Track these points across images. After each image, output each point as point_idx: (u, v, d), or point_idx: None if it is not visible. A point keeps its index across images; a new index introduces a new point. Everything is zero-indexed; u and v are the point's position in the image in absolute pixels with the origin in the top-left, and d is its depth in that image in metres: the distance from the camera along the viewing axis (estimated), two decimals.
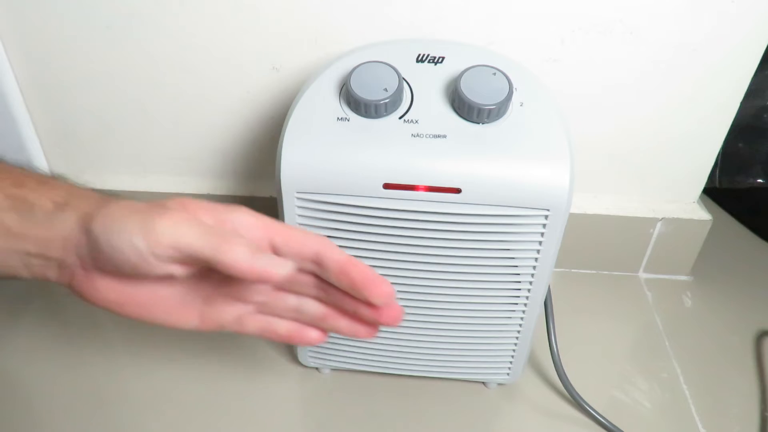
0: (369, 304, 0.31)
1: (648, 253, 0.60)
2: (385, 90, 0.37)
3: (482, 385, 0.49)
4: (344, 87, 0.38)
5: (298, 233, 0.31)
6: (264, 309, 0.34)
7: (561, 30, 0.47)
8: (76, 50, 0.51)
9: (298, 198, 0.38)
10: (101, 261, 0.30)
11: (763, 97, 0.59)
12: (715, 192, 0.67)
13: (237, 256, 0.29)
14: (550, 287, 0.44)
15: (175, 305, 0.33)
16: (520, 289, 0.41)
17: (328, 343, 0.46)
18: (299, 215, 0.39)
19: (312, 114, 0.38)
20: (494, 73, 0.38)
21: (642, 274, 0.62)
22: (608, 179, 0.57)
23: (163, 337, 0.52)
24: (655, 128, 0.53)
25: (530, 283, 0.40)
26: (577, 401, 0.47)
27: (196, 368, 0.50)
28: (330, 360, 0.48)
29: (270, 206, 0.57)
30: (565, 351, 0.46)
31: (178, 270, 0.30)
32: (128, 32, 0.50)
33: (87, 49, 0.51)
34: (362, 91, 0.37)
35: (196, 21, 0.49)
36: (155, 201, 0.32)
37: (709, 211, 0.58)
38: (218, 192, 0.58)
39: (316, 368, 0.50)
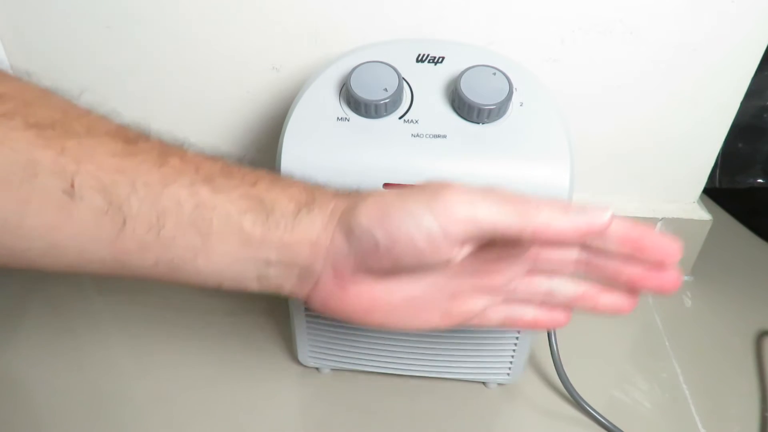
0: (653, 267, 0.29)
1: None
2: (385, 90, 0.37)
3: (482, 385, 0.49)
4: (344, 87, 0.38)
5: (566, 205, 0.27)
6: (511, 297, 0.31)
7: (561, 30, 0.47)
8: (76, 50, 0.51)
9: None
10: (371, 260, 0.27)
11: (763, 97, 0.59)
12: (715, 192, 0.67)
13: (551, 217, 0.26)
14: None
15: (421, 306, 0.30)
16: None
17: (328, 343, 0.46)
18: None
19: (312, 114, 0.38)
20: (494, 73, 0.38)
21: None
22: (608, 179, 0.57)
23: (164, 337, 0.52)
24: (655, 128, 0.53)
25: None
26: (577, 401, 0.47)
27: (196, 367, 0.50)
28: (330, 360, 0.48)
29: None
30: (565, 351, 0.46)
31: (460, 253, 0.27)
32: (128, 32, 0.50)
33: (87, 49, 0.51)
34: (362, 91, 0.37)
35: (196, 21, 0.49)
36: (414, 185, 0.28)
37: (709, 211, 0.58)
38: None
39: (316, 368, 0.50)
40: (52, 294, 0.56)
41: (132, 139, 0.27)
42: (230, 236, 0.27)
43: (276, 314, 0.55)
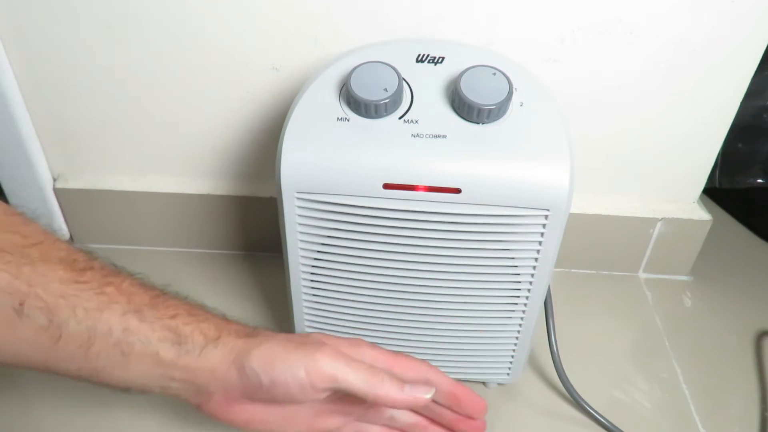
0: (466, 417, 0.40)
1: (648, 253, 0.60)
2: (385, 90, 0.37)
3: (482, 385, 0.49)
4: (344, 87, 0.38)
5: (411, 362, 0.38)
6: (362, 419, 0.40)
7: (561, 30, 0.47)
8: (76, 50, 0.51)
9: (298, 198, 0.38)
10: (254, 391, 0.34)
11: (763, 97, 0.59)
12: (715, 192, 0.67)
13: (388, 390, 0.34)
14: (550, 287, 0.44)
15: (290, 421, 0.38)
16: (520, 289, 0.41)
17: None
18: (299, 215, 0.39)
19: (312, 114, 0.38)
20: (494, 73, 0.38)
21: (642, 274, 0.62)
22: (608, 179, 0.57)
23: None
24: (655, 128, 0.53)
25: (530, 283, 0.40)
26: (577, 401, 0.47)
27: None
28: None
29: (270, 206, 0.57)
30: (565, 351, 0.46)
31: (322, 395, 0.35)
32: (128, 32, 0.50)
33: (87, 49, 0.51)
34: (362, 91, 0.37)
35: (196, 21, 0.49)
36: (298, 335, 0.36)
37: (709, 211, 0.58)
38: (218, 192, 0.58)
39: None
40: None
41: (79, 267, 0.33)
42: (147, 357, 0.33)
43: (276, 315, 0.55)
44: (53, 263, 0.32)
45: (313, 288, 0.43)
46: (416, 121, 0.37)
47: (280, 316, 0.55)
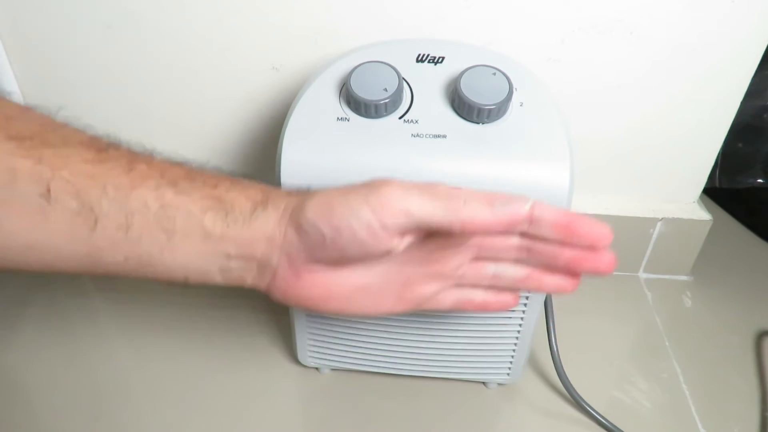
0: (587, 251, 0.31)
1: (648, 253, 0.60)
2: (385, 90, 0.37)
3: (482, 385, 0.49)
4: (344, 87, 0.38)
5: (499, 194, 0.30)
6: (461, 281, 0.33)
7: (561, 30, 0.47)
8: (76, 50, 0.51)
9: None
10: (319, 250, 0.30)
11: (763, 97, 0.59)
12: (715, 192, 0.67)
13: (476, 211, 0.28)
14: None
15: (375, 292, 0.33)
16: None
17: (328, 343, 0.46)
18: None
19: (312, 114, 0.38)
20: (494, 73, 0.38)
21: (642, 274, 0.62)
22: (608, 179, 0.57)
23: (164, 337, 0.52)
24: (655, 128, 0.53)
25: None
26: (577, 401, 0.47)
27: (196, 367, 0.50)
28: (330, 360, 0.48)
29: None
30: (565, 351, 0.46)
31: (401, 243, 0.30)
32: (128, 32, 0.50)
33: (87, 49, 0.51)
34: (362, 91, 0.37)
35: (196, 21, 0.49)
36: (358, 183, 0.31)
37: (709, 211, 0.58)
38: None
39: (316, 368, 0.50)
40: (51, 293, 0.56)
41: (103, 148, 0.30)
42: (193, 233, 0.29)
43: (276, 314, 0.55)
44: (75, 145, 0.30)
45: None
46: (416, 121, 0.37)
47: (280, 316, 0.55)
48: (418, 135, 0.37)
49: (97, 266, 0.30)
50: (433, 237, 0.31)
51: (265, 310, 0.56)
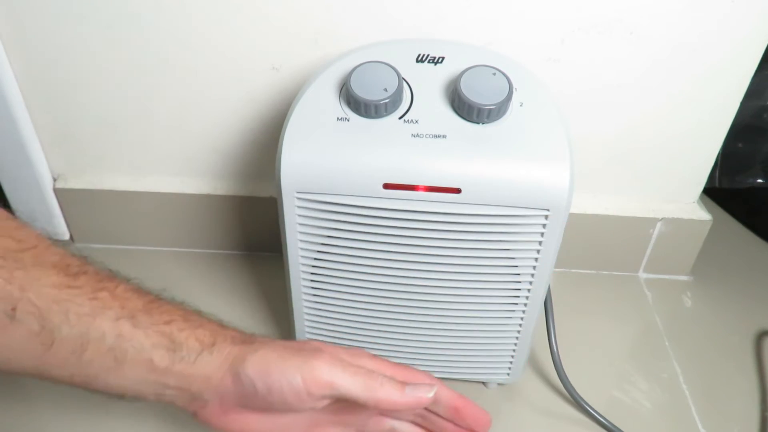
0: (468, 430, 0.39)
1: (648, 253, 0.60)
2: (385, 90, 0.37)
3: (482, 385, 0.49)
4: (344, 87, 0.38)
5: (413, 372, 0.37)
6: (362, 430, 0.39)
7: (561, 30, 0.47)
8: (76, 50, 0.51)
9: (298, 198, 0.38)
10: (249, 399, 0.34)
11: (763, 97, 0.59)
12: (715, 192, 0.67)
13: (389, 393, 0.33)
14: (550, 287, 0.44)
15: (288, 430, 0.37)
16: (520, 289, 0.41)
17: (328, 343, 0.46)
18: (299, 215, 0.39)
19: (312, 114, 0.38)
20: (494, 73, 0.38)
21: (642, 274, 0.62)
22: (608, 179, 0.57)
23: None
24: (655, 128, 0.53)
25: (530, 283, 0.40)
26: (577, 401, 0.47)
27: None
28: None
29: (270, 206, 0.57)
30: (565, 351, 0.46)
31: (320, 404, 0.34)
32: (128, 32, 0.50)
33: (87, 49, 0.51)
34: (362, 91, 0.37)
35: (196, 21, 0.49)
36: (296, 342, 0.36)
37: (709, 211, 0.58)
38: (218, 192, 0.58)
39: None
40: None
41: (73, 272, 0.33)
42: (140, 364, 0.32)
43: (276, 315, 0.55)
44: (46, 268, 0.32)
45: (313, 288, 0.43)
46: (416, 121, 0.37)
47: (280, 316, 0.55)
48: (418, 135, 0.37)
49: (43, 376, 0.32)
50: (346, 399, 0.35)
51: (265, 310, 0.56)
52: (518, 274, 0.40)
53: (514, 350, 0.45)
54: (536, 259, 0.39)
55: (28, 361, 0.32)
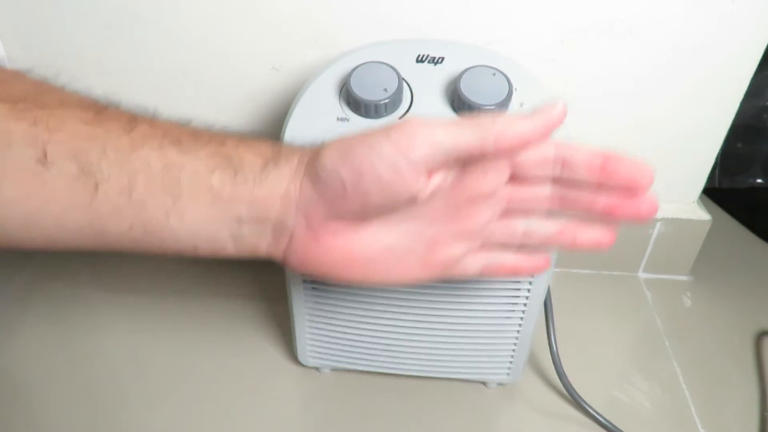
0: (625, 194, 0.28)
1: (648, 253, 0.60)
2: (385, 90, 0.37)
3: (482, 385, 0.49)
4: (344, 87, 0.38)
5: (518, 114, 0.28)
6: (490, 240, 0.30)
7: (561, 30, 0.47)
8: (76, 50, 0.51)
9: None
10: (340, 202, 0.27)
11: (763, 97, 0.59)
12: (715, 192, 0.67)
13: (509, 123, 0.26)
14: (550, 287, 0.44)
15: (399, 256, 0.30)
16: (520, 289, 0.41)
17: (328, 343, 0.46)
18: None
19: (312, 114, 0.38)
20: (494, 73, 0.38)
21: (642, 274, 0.62)
22: None
23: (164, 337, 0.52)
24: (655, 128, 0.53)
25: (530, 283, 0.40)
26: (577, 401, 0.47)
27: (197, 368, 0.50)
28: (330, 360, 0.48)
29: None
30: (565, 351, 0.46)
31: (426, 186, 0.27)
32: (128, 32, 0.50)
33: (87, 49, 0.51)
34: (362, 91, 0.37)
35: (196, 21, 0.49)
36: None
37: (709, 211, 0.58)
38: None
39: (316, 368, 0.50)
40: (51, 293, 0.56)
41: (102, 108, 0.28)
42: (200, 194, 0.27)
43: (276, 314, 0.55)
44: (72, 107, 0.28)
45: (313, 288, 0.43)
46: None
47: (280, 316, 0.55)
48: None
49: (100, 237, 0.28)
50: (459, 184, 0.28)
51: (265, 310, 0.56)
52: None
53: (513, 350, 0.45)
54: None
55: (79, 216, 0.27)
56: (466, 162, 0.28)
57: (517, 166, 0.29)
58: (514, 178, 0.29)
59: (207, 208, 0.27)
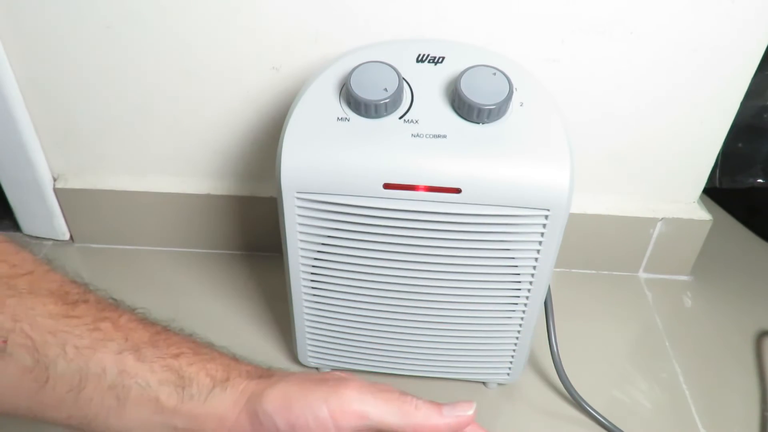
0: None
1: (648, 253, 0.60)
2: (385, 90, 0.37)
3: (482, 385, 0.49)
4: (344, 87, 0.38)
5: (438, 404, 0.32)
6: None
7: (561, 30, 0.47)
8: (76, 50, 0.51)
9: (298, 198, 0.38)
10: None
11: (763, 97, 0.59)
12: (715, 192, 0.67)
13: (427, 415, 0.30)
14: (550, 287, 0.44)
15: None
16: (520, 289, 0.41)
17: (329, 343, 0.46)
18: (299, 215, 0.39)
19: (312, 114, 0.38)
20: (494, 73, 0.38)
21: (642, 274, 0.62)
22: (608, 179, 0.57)
23: None
24: (655, 128, 0.53)
25: (530, 283, 0.40)
26: (577, 401, 0.47)
27: None
28: (330, 360, 0.48)
29: (270, 206, 0.57)
30: (565, 351, 0.46)
31: None
32: (128, 32, 0.50)
33: (87, 49, 0.51)
34: (362, 91, 0.37)
35: (196, 21, 0.49)
36: (317, 374, 0.33)
37: (709, 211, 0.58)
38: (218, 192, 0.58)
39: (316, 368, 0.50)
40: None
41: (71, 300, 0.30)
42: (145, 403, 0.29)
43: (276, 315, 0.55)
44: (42, 295, 0.29)
45: (313, 288, 0.43)
46: (416, 121, 0.37)
47: (280, 316, 0.55)
48: (418, 135, 0.37)
49: (36, 418, 0.29)
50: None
51: (265, 311, 0.56)
52: (518, 274, 0.40)
53: (514, 350, 0.45)
54: (536, 259, 0.39)
55: (21, 400, 0.28)
56: None
57: None
58: None
59: (148, 415, 0.29)
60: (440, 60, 0.40)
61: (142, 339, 0.30)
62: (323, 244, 0.40)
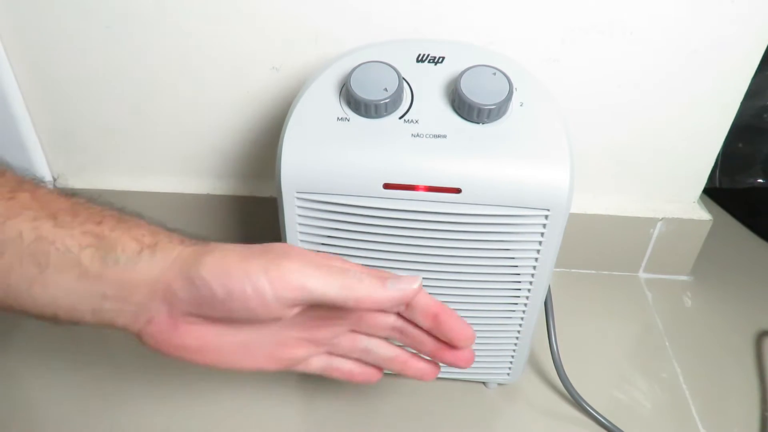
0: (448, 346, 0.33)
1: (648, 253, 0.60)
2: (385, 90, 0.37)
3: (482, 385, 0.49)
4: (344, 87, 0.38)
5: (388, 272, 0.32)
6: (333, 350, 0.35)
7: (561, 30, 0.47)
8: (76, 50, 0.51)
9: (298, 198, 0.38)
10: (205, 306, 0.29)
11: (763, 97, 0.59)
12: (715, 192, 0.67)
13: (370, 289, 0.29)
14: (550, 287, 0.44)
15: (249, 350, 0.32)
16: (520, 289, 0.41)
17: None
18: (299, 215, 0.39)
19: (312, 114, 0.38)
20: (494, 73, 0.38)
21: (642, 274, 0.62)
22: (608, 179, 0.57)
23: None
24: (655, 128, 0.53)
25: (530, 283, 0.40)
26: (577, 401, 0.47)
27: (196, 367, 0.50)
28: None
29: (270, 206, 0.57)
30: (565, 351, 0.46)
31: (290, 314, 0.30)
32: (128, 32, 0.50)
33: (87, 49, 0.51)
34: (362, 91, 0.37)
35: (196, 21, 0.49)
36: (256, 246, 0.31)
37: (709, 211, 0.58)
38: (218, 192, 0.58)
39: None
40: None
41: None
42: (67, 269, 0.28)
43: None
44: None
45: None
46: (416, 121, 0.37)
47: None
48: (418, 135, 0.37)
49: None
50: (317, 307, 0.30)
51: None
52: (518, 274, 0.40)
53: (514, 350, 0.45)
54: (536, 259, 0.39)
55: None
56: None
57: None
58: None
59: (72, 282, 0.28)
60: (440, 60, 0.40)
61: (61, 207, 0.29)
62: (323, 244, 0.40)
